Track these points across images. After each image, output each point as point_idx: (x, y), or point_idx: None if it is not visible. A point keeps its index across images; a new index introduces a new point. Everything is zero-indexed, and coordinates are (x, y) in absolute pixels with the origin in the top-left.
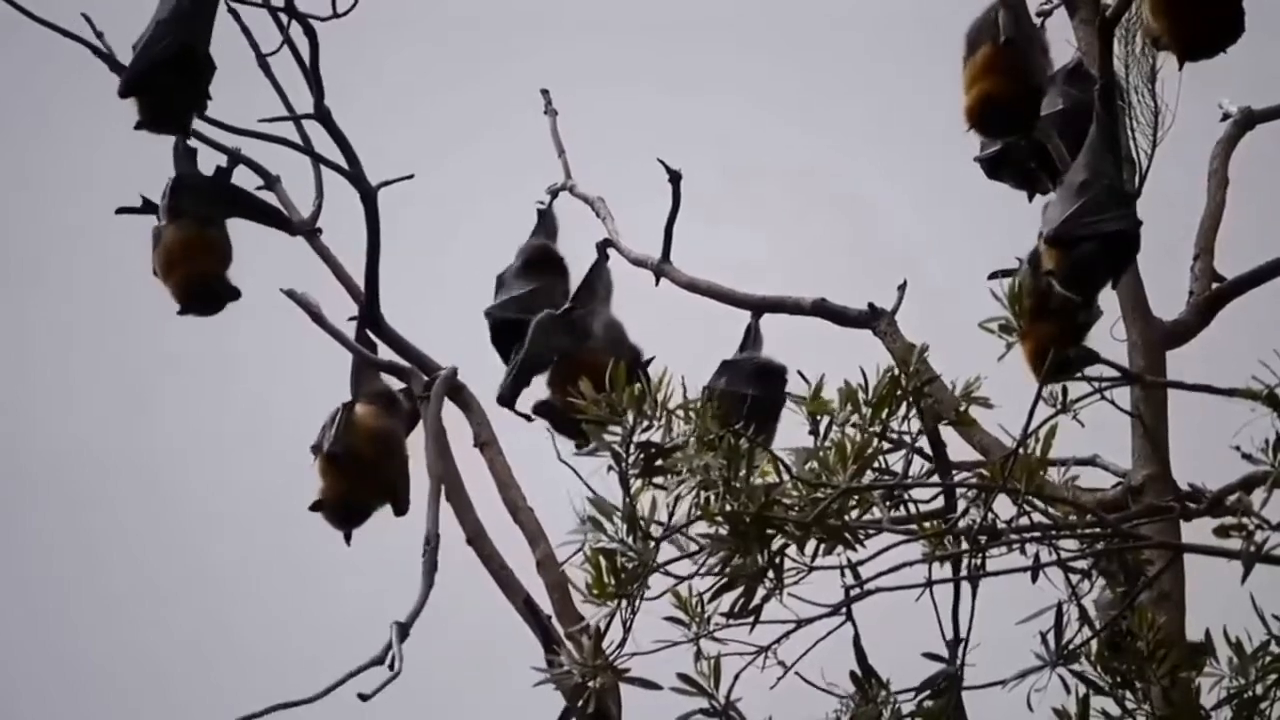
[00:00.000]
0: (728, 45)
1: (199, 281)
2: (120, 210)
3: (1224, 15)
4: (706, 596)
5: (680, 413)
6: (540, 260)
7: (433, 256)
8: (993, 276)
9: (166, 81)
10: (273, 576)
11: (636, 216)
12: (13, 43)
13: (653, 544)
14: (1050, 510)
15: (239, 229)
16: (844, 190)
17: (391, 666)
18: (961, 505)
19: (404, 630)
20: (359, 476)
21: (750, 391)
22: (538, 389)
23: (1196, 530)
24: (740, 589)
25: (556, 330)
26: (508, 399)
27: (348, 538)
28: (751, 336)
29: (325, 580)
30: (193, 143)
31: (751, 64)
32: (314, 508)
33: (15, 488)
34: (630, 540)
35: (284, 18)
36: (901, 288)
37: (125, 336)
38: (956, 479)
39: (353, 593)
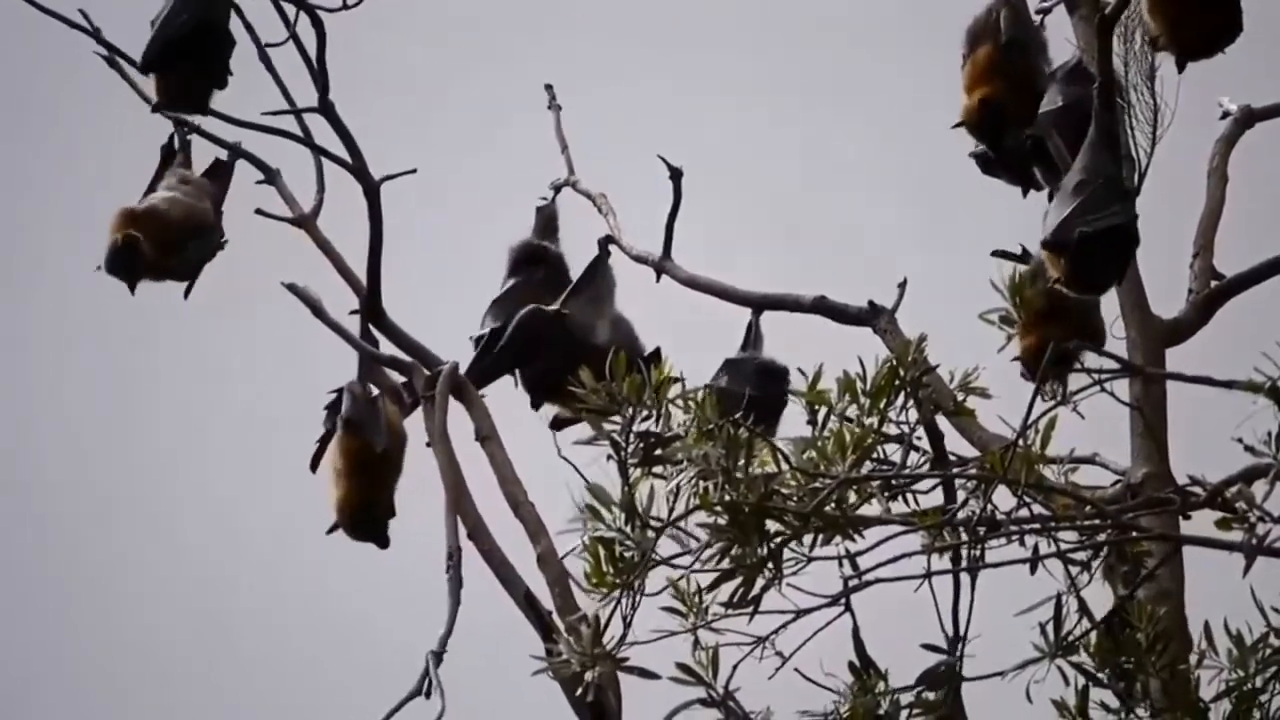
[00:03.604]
0: (730, 45)
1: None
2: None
3: (1222, 16)
4: (705, 586)
5: (680, 402)
6: (524, 258)
7: (435, 251)
8: (995, 254)
9: (185, 60)
10: (271, 574)
11: (642, 213)
12: (14, 40)
13: (651, 534)
14: (1049, 502)
15: (238, 224)
16: (842, 190)
17: (429, 696)
18: (961, 496)
19: (439, 658)
20: (384, 477)
21: (751, 392)
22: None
23: (1197, 524)
24: (739, 579)
25: (546, 329)
26: (475, 380)
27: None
28: (752, 334)
29: (323, 577)
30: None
31: (752, 63)
32: (342, 527)
33: (13, 488)
34: (629, 530)
35: (290, 10)
36: (902, 285)
37: (124, 331)
38: (956, 470)
39: (352, 591)
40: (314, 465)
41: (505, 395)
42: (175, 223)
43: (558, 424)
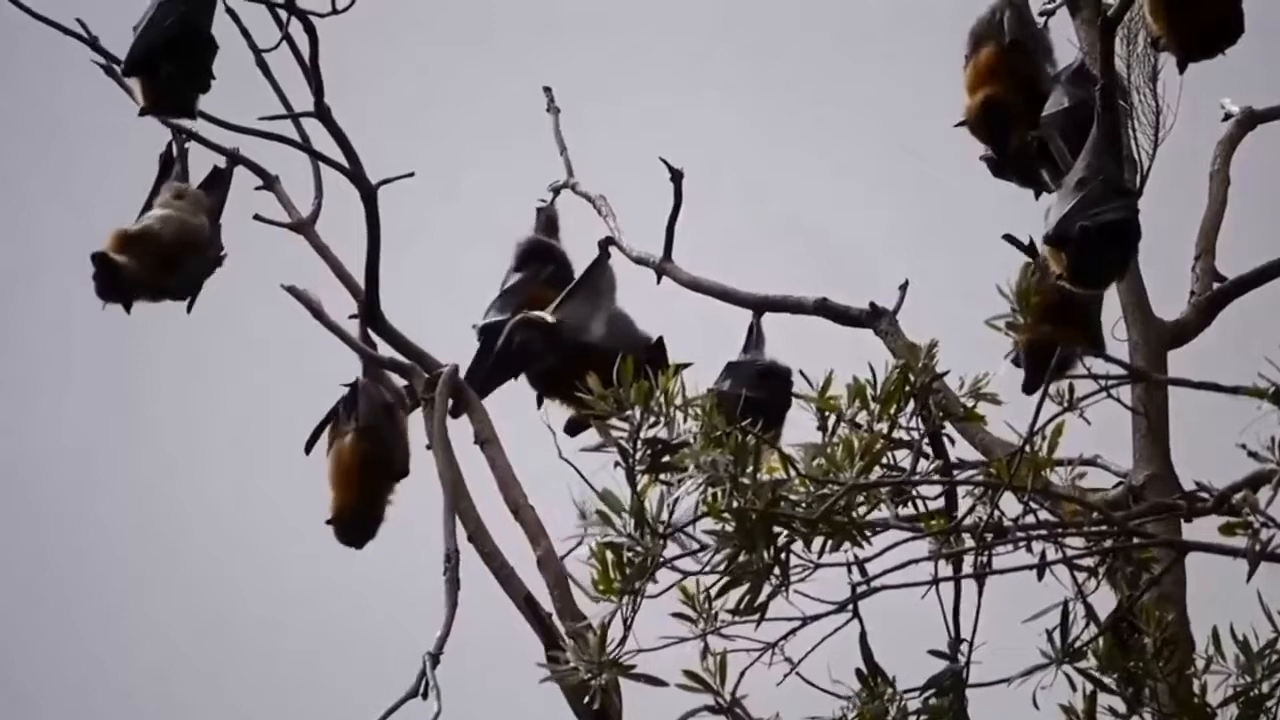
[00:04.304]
0: (732, 47)
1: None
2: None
3: (1223, 16)
4: (713, 593)
5: (686, 408)
6: (533, 254)
7: (432, 254)
8: (1005, 238)
9: (170, 63)
10: (271, 576)
11: (643, 215)
12: (10, 48)
13: (659, 540)
14: (1056, 508)
15: (237, 230)
16: (843, 191)
17: (426, 697)
18: (968, 503)
19: (435, 659)
20: (387, 489)
21: (755, 394)
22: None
23: (1200, 530)
24: (746, 586)
25: (536, 337)
26: (477, 388)
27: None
28: (754, 336)
29: (323, 581)
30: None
31: (754, 64)
32: (337, 526)
33: (14, 488)
34: (637, 536)
35: (283, 15)
36: (903, 287)
37: (125, 335)
38: (963, 476)
39: (352, 594)
40: (309, 447)
41: (506, 399)
42: (168, 242)
43: (572, 428)
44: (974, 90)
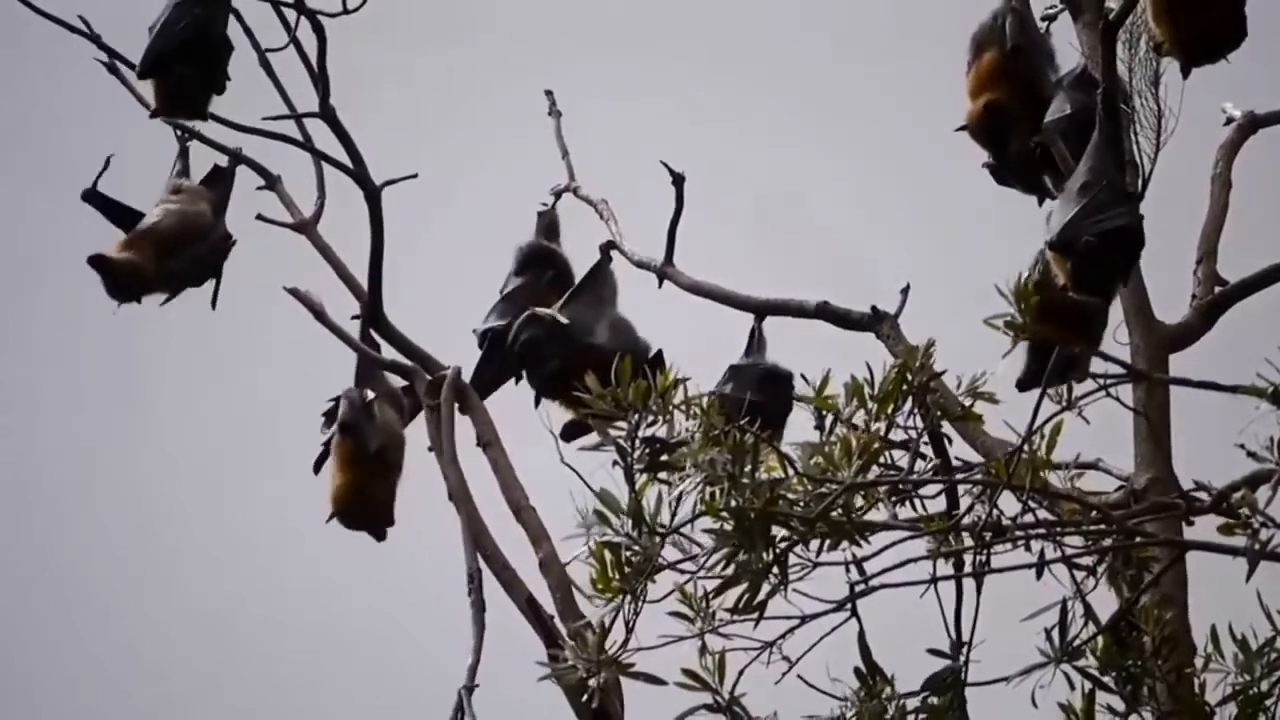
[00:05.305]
0: (733, 51)
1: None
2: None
3: (1226, 20)
4: (711, 592)
5: (684, 408)
6: (533, 259)
7: (436, 255)
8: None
9: (184, 65)
10: (269, 574)
11: (645, 219)
12: (13, 45)
13: (658, 539)
14: (1054, 508)
15: (239, 230)
16: (845, 194)
17: None
18: (966, 502)
19: (470, 691)
20: (379, 474)
21: (757, 398)
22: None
23: (1200, 529)
24: (745, 585)
25: (544, 333)
26: (479, 390)
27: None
28: (755, 340)
29: (326, 580)
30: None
31: (755, 68)
32: (337, 516)
33: (17, 491)
34: (635, 535)
35: (291, 15)
36: (905, 291)
37: (126, 335)
38: (962, 475)
39: (351, 590)
40: (316, 468)
41: (508, 400)
42: (167, 232)
43: (568, 433)
44: (976, 95)
